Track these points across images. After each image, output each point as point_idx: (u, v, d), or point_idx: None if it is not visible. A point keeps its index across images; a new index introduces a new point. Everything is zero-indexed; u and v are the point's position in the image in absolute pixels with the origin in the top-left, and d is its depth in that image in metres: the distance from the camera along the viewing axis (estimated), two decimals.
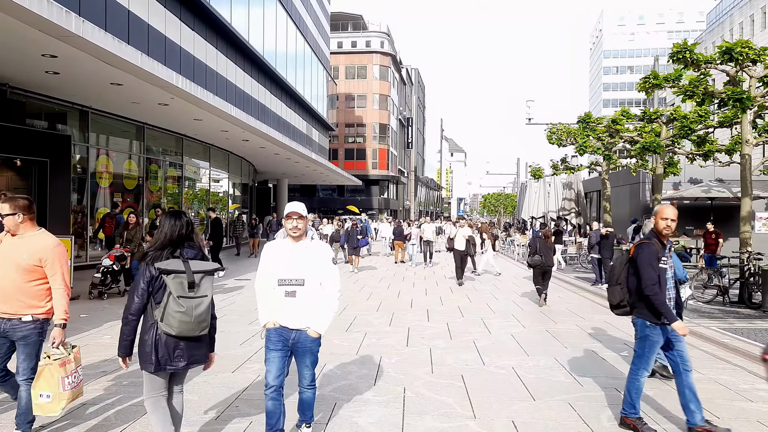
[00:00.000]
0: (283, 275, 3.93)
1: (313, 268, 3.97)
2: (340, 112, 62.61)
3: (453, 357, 6.94)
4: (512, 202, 75.01)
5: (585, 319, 9.76)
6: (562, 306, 11.27)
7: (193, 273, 3.46)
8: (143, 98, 14.40)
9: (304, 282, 3.93)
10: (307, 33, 37.09)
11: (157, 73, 12.11)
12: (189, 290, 3.43)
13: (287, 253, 3.99)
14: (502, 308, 10.91)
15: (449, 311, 10.41)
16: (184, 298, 3.41)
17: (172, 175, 20.78)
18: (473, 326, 9.00)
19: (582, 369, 6.48)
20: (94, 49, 10.00)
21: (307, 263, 3.95)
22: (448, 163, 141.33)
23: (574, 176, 24.32)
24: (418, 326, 8.90)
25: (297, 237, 4.00)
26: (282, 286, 3.93)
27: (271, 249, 4.08)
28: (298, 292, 3.92)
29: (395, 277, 15.91)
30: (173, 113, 16.41)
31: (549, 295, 12.75)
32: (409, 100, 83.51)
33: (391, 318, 9.58)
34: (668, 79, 12.20)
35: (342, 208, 53.04)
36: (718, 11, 69.74)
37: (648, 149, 14.41)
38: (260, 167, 32.69)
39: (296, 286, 3.92)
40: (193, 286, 3.45)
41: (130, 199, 17.74)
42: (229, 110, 16.40)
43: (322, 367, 6.32)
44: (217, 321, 4.06)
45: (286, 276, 3.93)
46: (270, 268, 4.00)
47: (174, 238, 3.55)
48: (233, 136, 20.85)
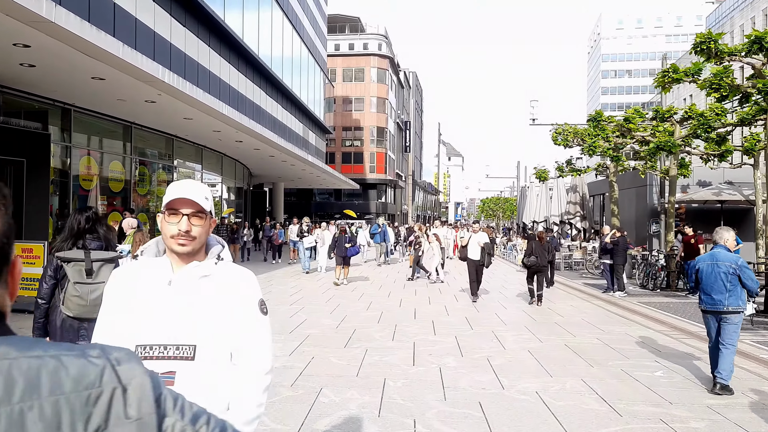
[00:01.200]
0: (149, 338, 1.84)
1: (217, 324, 1.85)
2: (337, 115, 61.84)
3: (467, 379, 6.11)
4: (511, 206, 74.31)
5: (605, 332, 8.94)
6: (577, 316, 10.45)
7: (92, 261, 3.86)
8: (129, 95, 13.56)
9: (195, 353, 1.83)
10: (304, 33, 36.34)
11: (141, 66, 11.28)
12: (87, 277, 3.83)
13: (161, 293, 1.87)
14: (513, 318, 10.09)
15: (456, 323, 9.58)
16: (81, 284, 3.81)
17: (162, 177, 19.92)
18: (485, 340, 8.17)
19: (616, 394, 5.65)
20: (70, 37, 9.17)
21: (204, 313, 1.85)
22: (445, 168, 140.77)
23: (579, 179, 23.54)
24: (424, 341, 8.07)
25: (187, 255, 1.88)
26: (148, 360, 1.82)
27: (124, 282, 1.93)
28: (180, 374, 1.82)
29: (395, 285, 15.07)
30: (162, 111, 15.57)
31: (560, 303, 11.99)
32: (407, 104, 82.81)
33: (393, 331, 8.74)
34: (688, 73, 11.44)
35: (339, 213, 52.17)
36: (718, 14, 69.29)
37: (662, 149, 13.64)
38: (255, 170, 31.86)
39: (177, 361, 1.82)
40: (91, 273, 3.85)
41: (116, 203, 16.86)
42: (220, 108, 15.57)
43: (317, 393, 5.49)
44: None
45: (157, 340, 1.84)
46: (121, 324, 1.88)
47: (75, 230, 3.93)
48: (226, 136, 20.02)
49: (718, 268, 5.79)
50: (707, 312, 5.93)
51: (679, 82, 11.48)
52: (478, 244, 12.08)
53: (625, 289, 13.36)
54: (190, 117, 16.34)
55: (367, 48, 63.19)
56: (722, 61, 10.72)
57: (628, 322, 9.88)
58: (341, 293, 13.12)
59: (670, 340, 8.35)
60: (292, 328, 8.86)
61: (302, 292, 13.06)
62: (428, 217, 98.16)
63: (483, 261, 12.03)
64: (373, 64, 62.51)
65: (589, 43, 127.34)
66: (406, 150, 76.84)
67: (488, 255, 11.96)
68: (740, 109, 13.00)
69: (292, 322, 9.32)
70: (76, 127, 14.84)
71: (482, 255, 12.00)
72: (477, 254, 12.06)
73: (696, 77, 11.53)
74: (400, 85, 74.62)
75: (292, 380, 5.95)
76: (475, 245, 12.12)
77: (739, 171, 22.23)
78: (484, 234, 12.52)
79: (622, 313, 10.82)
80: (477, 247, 12.10)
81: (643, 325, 9.51)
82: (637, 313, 10.77)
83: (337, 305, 11.28)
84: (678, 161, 14.80)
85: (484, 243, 12.05)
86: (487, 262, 11.95)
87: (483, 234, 12.44)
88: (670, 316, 10.34)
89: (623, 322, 9.88)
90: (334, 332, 8.58)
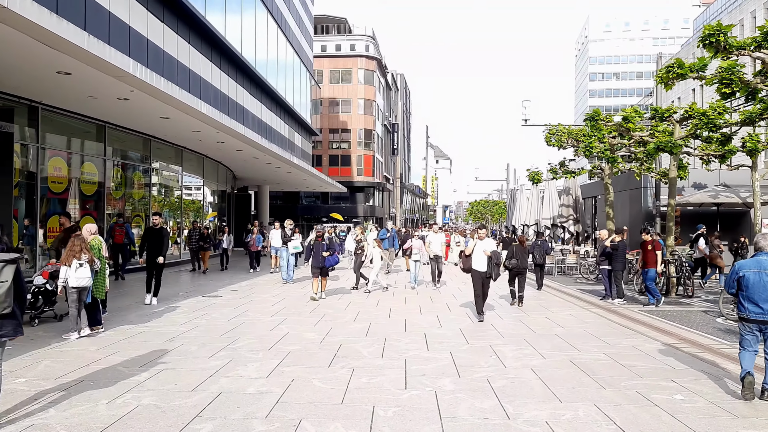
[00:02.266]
0: None
1: None
2: (324, 117, 61.01)
3: (466, 406, 5.39)
4: (500, 209, 73.90)
5: (610, 345, 8.27)
6: (579, 327, 9.78)
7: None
8: (99, 91, 12.73)
9: None
10: (289, 33, 35.55)
11: (110, 60, 10.47)
12: None
13: None
14: (511, 330, 9.39)
15: (450, 336, 8.86)
16: None
17: (140, 180, 19.03)
18: (482, 356, 7.45)
19: (637, 424, 4.96)
20: (28, 25, 8.36)
21: None
22: (433, 171, 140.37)
23: (572, 181, 22.95)
24: (417, 357, 7.34)
25: None
26: None
27: None
28: None
29: (384, 293, 14.32)
30: (136, 110, 14.74)
31: (558, 312, 11.32)
32: (395, 106, 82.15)
33: (383, 346, 8.00)
34: (693, 68, 10.83)
35: (326, 216, 51.31)
36: (706, 17, 69.56)
37: (662, 149, 13.04)
38: (239, 173, 30.97)
39: None
40: None
41: (89, 207, 15.97)
42: (199, 107, 14.76)
43: (296, 427, 4.75)
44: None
45: None
46: None
47: None
48: (207, 137, 19.19)
49: (767, 276, 5.70)
50: (751, 321, 5.77)
51: (684, 77, 10.87)
52: (484, 252, 10.39)
53: (624, 296, 12.75)
54: (167, 116, 15.52)
55: (354, 49, 62.46)
56: (730, 55, 10.15)
57: (633, 333, 9.23)
58: (327, 302, 12.36)
59: (683, 354, 7.69)
60: (271, 343, 8.10)
61: (285, 302, 12.28)
62: (416, 221, 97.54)
63: (490, 273, 10.42)
64: (360, 66, 61.79)
65: (577, 46, 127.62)
66: (394, 152, 76.17)
67: (496, 265, 10.35)
68: (743, 108, 12.46)
69: (271, 337, 8.55)
70: (46, 127, 13.97)
71: (489, 265, 10.39)
72: (483, 265, 10.38)
73: (701, 73, 10.92)
74: (387, 87, 73.96)
75: (267, 410, 5.20)
76: (481, 254, 10.43)
77: (735, 173, 21.77)
78: (491, 241, 10.73)
79: (625, 323, 10.17)
80: (483, 257, 10.40)
81: (650, 337, 8.86)
82: (640, 323, 10.13)
83: (322, 316, 10.52)
84: (677, 162, 14.21)
85: (492, 251, 10.39)
86: (495, 275, 10.39)
87: (490, 241, 10.69)
88: (677, 326, 9.71)
89: (628, 333, 9.23)
90: (317, 348, 7.83)
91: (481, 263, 10.42)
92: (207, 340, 8.24)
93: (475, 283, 10.53)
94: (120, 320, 9.60)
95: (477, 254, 10.47)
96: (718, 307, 11.08)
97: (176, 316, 10.27)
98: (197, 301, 12.11)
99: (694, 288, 13.80)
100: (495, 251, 10.47)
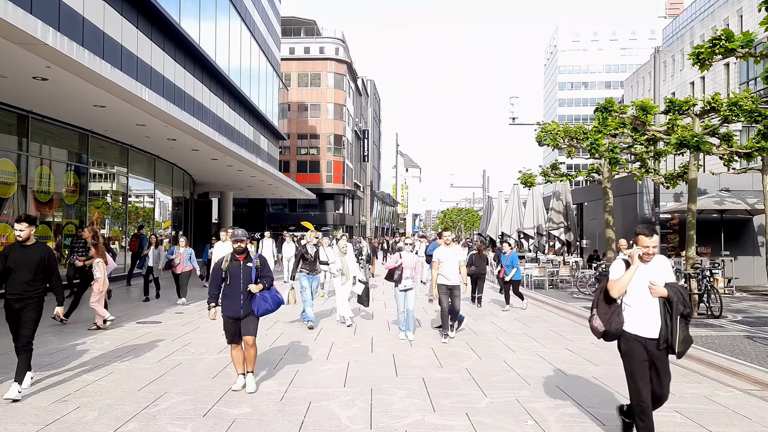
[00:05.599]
0: None
1: None
2: (292, 122, 58.51)
3: None
4: (473, 217, 72.36)
5: (676, 395, 6.14)
6: (615, 363, 7.64)
7: None
8: (9, 68, 10.22)
9: None
10: (255, 29, 33.14)
11: (12, 21, 8.05)
12: None
13: None
14: (533, 371, 7.20)
15: (459, 382, 6.62)
16: None
17: (73, 181, 16.35)
18: (512, 423, 5.24)
19: None
20: None
21: None
22: (403, 179, 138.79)
23: (562, 185, 21.10)
24: (421, 424, 5.09)
25: None
26: None
27: None
28: None
29: (360, 317, 12.02)
30: (63, 95, 12.22)
31: (578, 340, 9.15)
32: (365, 112, 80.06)
33: (369, 405, 5.71)
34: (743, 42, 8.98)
35: (294, 224, 48.76)
36: (675, 26, 69.56)
37: (685, 145, 11.14)
38: (199, 177, 28.30)
39: None
40: None
41: (7, 212, 13.29)
42: (139, 92, 12.27)
43: None
44: None
45: None
46: None
47: None
48: (155, 133, 16.67)
49: None
50: None
51: (733, 53, 9.02)
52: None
53: None
54: (101, 104, 13.01)
55: (323, 52, 60.25)
56: None
57: (689, 373, 7.14)
58: (293, 330, 10.01)
59: (757, 400, 5.61)
60: (210, 401, 5.73)
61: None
62: (386, 229, 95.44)
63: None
64: (330, 69, 59.59)
65: (546, 55, 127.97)
66: (365, 159, 73.99)
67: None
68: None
69: (212, 390, 6.18)
70: None
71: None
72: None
73: (748, 50, 9.08)
74: (358, 92, 71.88)
75: None
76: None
77: (737, 178, 20.20)
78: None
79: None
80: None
81: (713, 379, 6.79)
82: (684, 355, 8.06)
83: (286, 351, 8.18)
84: (697, 162, 12.36)
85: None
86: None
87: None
88: (735, 361, 7.66)
89: (682, 373, 7.13)
90: (275, 412, 5.50)
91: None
92: (118, 398, 5.83)
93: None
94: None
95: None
96: None
97: (88, 355, 7.80)
98: (126, 331, 9.62)
99: (722, 306, 11.88)
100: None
